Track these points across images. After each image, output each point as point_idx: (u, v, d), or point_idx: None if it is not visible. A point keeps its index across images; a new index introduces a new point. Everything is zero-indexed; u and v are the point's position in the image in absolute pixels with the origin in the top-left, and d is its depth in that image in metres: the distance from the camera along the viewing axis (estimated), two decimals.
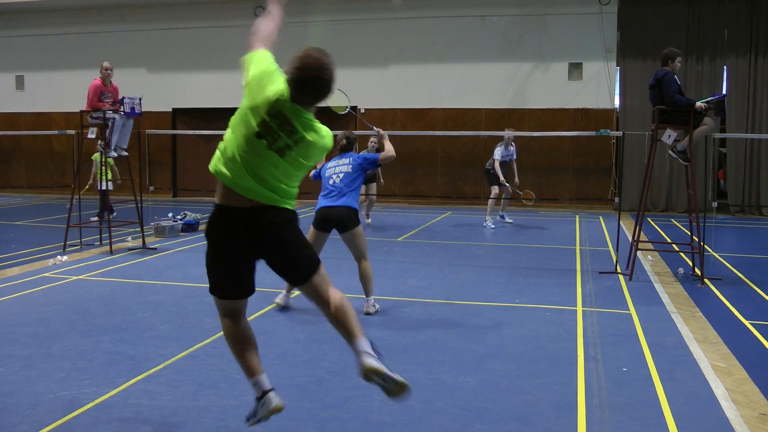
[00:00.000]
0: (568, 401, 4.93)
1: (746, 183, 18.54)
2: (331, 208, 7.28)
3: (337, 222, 7.26)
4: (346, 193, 7.34)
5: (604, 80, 18.91)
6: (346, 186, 7.36)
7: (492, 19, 19.65)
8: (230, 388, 5.10)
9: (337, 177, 7.43)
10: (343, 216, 7.24)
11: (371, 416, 4.62)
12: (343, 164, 7.50)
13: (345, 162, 7.52)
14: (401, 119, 20.35)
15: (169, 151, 22.23)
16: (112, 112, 11.10)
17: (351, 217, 7.30)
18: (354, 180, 7.43)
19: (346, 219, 7.25)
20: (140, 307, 7.56)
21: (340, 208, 7.25)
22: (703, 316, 7.39)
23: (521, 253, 11.62)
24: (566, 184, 19.33)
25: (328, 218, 7.28)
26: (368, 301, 7.46)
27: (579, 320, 7.18)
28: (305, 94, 3.99)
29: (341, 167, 7.49)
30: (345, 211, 7.25)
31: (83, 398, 4.87)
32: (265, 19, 4.53)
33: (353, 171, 7.43)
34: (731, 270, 10.14)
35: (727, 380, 5.38)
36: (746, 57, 18.26)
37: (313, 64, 3.97)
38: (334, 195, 7.34)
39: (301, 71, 3.96)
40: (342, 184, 7.37)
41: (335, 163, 7.58)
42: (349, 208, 7.30)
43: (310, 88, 3.98)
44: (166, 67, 22.32)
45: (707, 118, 9.28)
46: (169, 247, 11.75)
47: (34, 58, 23.35)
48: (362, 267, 7.43)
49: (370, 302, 7.45)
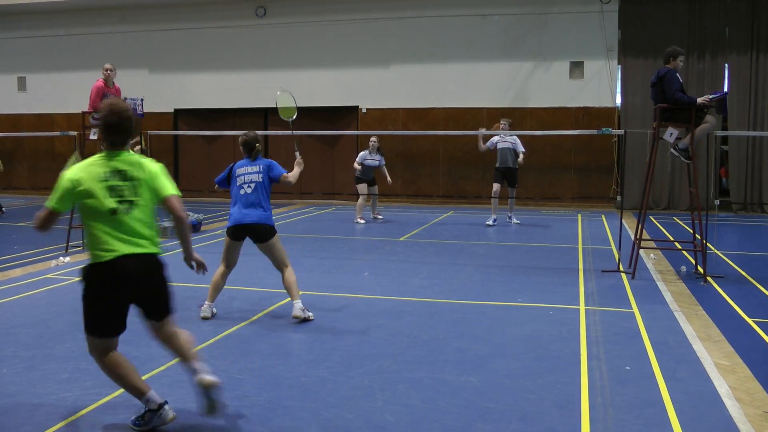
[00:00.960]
0: (572, 400, 4.92)
1: (748, 180, 18.52)
2: (245, 226, 7.11)
3: (253, 234, 7.13)
4: (260, 204, 7.12)
5: (605, 79, 18.90)
6: (258, 197, 7.13)
7: (493, 17, 19.64)
8: (233, 388, 5.10)
9: (249, 187, 7.14)
10: (259, 231, 7.09)
11: (374, 416, 4.62)
12: (252, 172, 7.20)
13: (254, 170, 7.21)
14: (403, 119, 20.34)
15: (171, 152, 22.23)
16: None
17: (267, 230, 7.11)
18: (266, 189, 7.19)
19: (262, 232, 7.09)
20: None
21: (256, 225, 7.07)
22: (706, 314, 7.38)
23: (523, 252, 11.61)
24: (568, 182, 19.32)
25: (242, 231, 7.15)
26: (295, 305, 7.00)
27: (582, 319, 7.17)
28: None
29: (251, 175, 7.19)
30: (262, 227, 7.09)
31: (86, 400, 4.87)
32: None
33: (264, 180, 7.18)
34: (734, 268, 10.13)
35: (730, 378, 5.37)
36: (747, 55, 18.23)
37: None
38: (249, 207, 7.10)
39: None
40: (253, 197, 7.12)
41: (244, 170, 7.25)
42: (266, 225, 7.11)
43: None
44: (167, 68, 22.32)
45: (709, 116, 9.27)
46: (171, 247, 11.72)
47: (36, 59, 23.38)
48: (286, 274, 7.17)
49: (297, 306, 6.99)
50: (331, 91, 20.80)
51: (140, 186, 4.45)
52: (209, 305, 7.26)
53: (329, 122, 20.90)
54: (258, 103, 21.49)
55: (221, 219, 16.28)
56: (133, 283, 4.39)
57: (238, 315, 7.29)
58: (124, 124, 4.47)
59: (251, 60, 21.56)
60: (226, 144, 21.98)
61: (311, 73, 21.03)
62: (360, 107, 20.76)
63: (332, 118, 20.89)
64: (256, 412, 4.67)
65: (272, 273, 9.47)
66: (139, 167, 4.49)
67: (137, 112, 11.26)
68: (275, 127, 21.16)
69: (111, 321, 4.46)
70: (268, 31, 21.33)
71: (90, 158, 4.48)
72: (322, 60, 20.95)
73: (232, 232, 7.18)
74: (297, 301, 7.03)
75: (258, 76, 21.46)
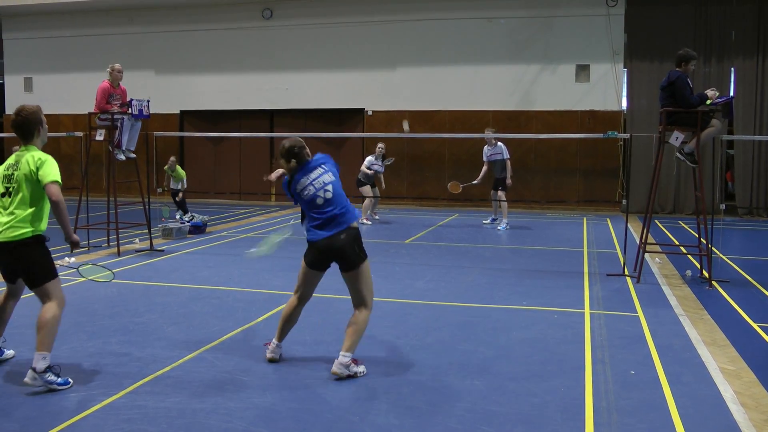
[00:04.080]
0: (576, 404, 4.91)
1: (754, 185, 18.49)
2: (332, 237, 5.55)
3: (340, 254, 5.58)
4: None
5: (611, 82, 18.89)
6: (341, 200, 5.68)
7: (499, 21, 19.65)
8: (237, 390, 5.10)
9: (326, 192, 5.62)
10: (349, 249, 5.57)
11: (378, 418, 4.62)
12: (320, 173, 5.66)
13: (320, 171, 5.67)
14: (408, 121, 20.33)
15: (177, 153, 22.26)
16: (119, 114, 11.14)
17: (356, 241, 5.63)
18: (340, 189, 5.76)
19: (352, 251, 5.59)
20: (147, 309, 7.58)
21: (344, 233, 5.57)
22: (711, 319, 7.37)
23: (528, 255, 11.60)
24: (574, 186, 19.30)
25: (329, 249, 5.59)
26: (345, 358, 5.43)
27: (587, 323, 7.16)
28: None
29: (323, 176, 5.66)
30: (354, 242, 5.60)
31: (91, 400, 4.88)
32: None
33: (336, 178, 5.78)
34: (739, 272, 10.10)
35: (735, 383, 5.36)
36: (753, 58, 18.21)
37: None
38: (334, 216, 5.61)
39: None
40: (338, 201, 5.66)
41: (306, 177, 5.63)
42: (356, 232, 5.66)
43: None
44: (173, 69, 22.38)
45: (715, 120, 9.25)
46: (177, 248, 11.77)
47: (43, 60, 23.47)
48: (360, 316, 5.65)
49: (348, 360, 5.43)
50: (337, 93, 20.83)
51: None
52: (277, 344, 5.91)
53: (335, 124, 20.92)
54: (264, 104, 21.55)
55: (227, 220, 16.31)
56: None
57: (243, 316, 7.30)
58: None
59: (257, 62, 21.60)
60: (232, 145, 22.02)
61: (317, 75, 21.06)
62: (366, 110, 20.77)
63: (338, 120, 20.92)
64: (259, 414, 4.67)
65: (277, 275, 9.51)
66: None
67: (143, 114, 11.27)
68: (281, 129, 21.22)
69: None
70: (275, 33, 21.37)
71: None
72: (329, 62, 20.98)
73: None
74: (348, 354, 5.50)
75: (264, 77, 21.51)
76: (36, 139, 5.42)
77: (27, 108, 5.44)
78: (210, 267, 10.18)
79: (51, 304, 5.28)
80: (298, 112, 21.31)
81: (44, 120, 5.50)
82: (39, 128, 5.44)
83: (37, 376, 5.05)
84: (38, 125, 5.43)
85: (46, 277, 5.32)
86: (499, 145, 14.96)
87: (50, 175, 5.19)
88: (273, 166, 21.95)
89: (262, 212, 18.48)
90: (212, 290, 8.59)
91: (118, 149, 11.27)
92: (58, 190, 5.19)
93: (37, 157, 5.24)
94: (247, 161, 22.17)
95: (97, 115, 11.31)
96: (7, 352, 5.84)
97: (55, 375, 5.11)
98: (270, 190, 21.99)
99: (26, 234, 5.20)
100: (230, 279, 9.30)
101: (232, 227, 14.99)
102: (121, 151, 11.31)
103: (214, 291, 8.54)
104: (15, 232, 5.18)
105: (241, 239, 13.16)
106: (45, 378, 5.05)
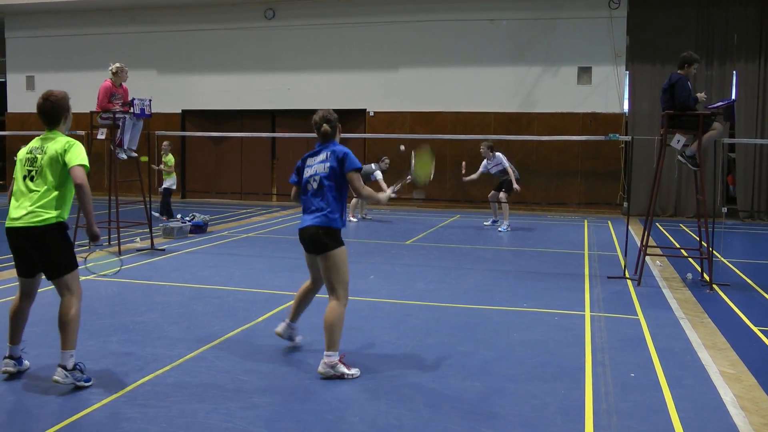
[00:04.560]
0: (576, 406, 4.91)
1: (755, 188, 18.48)
2: (304, 229, 5.65)
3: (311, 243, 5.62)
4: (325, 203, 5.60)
5: (613, 84, 18.89)
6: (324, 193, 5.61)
7: (501, 22, 19.66)
8: (237, 389, 5.10)
9: (314, 181, 5.66)
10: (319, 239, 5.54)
11: (378, 419, 4.62)
12: (322, 160, 5.69)
13: (320, 158, 5.70)
14: (410, 122, 20.36)
15: (179, 153, 22.25)
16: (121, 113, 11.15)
17: (331, 235, 5.56)
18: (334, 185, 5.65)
19: (322, 241, 5.54)
20: (148, 308, 7.58)
21: (310, 228, 5.59)
22: (712, 322, 7.36)
23: (529, 257, 11.60)
24: (575, 188, 19.30)
25: (303, 236, 5.68)
26: (329, 357, 5.43)
27: (587, 325, 7.16)
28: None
29: (317, 166, 5.69)
30: (325, 233, 5.52)
31: (91, 398, 4.88)
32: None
33: (332, 174, 5.63)
34: (740, 276, 10.10)
35: (735, 387, 5.35)
36: (756, 62, 18.21)
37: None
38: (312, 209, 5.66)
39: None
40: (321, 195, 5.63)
41: (314, 158, 5.76)
42: (333, 230, 5.58)
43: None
44: (175, 68, 22.39)
45: (716, 123, 9.26)
46: (178, 248, 11.78)
47: (45, 58, 23.48)
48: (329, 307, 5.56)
49: (333, 359, 5.42)
50: (339, 93, 20.84)
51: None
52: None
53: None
54: (266, 104, 21.56)
55: (228, 220, 16.32)
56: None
57: (244, 316, 7.30)
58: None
59: (259, 62, 21.61)
60: (233, 145, 22.03)
61: (319, 76, 21.08)
62: (367, 110, 20.78)
63: (340, 120, 20.81)
64: (260, 414, 4.67)
65: (278, 275, 9.51)
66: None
67: (145, 113, 11.28)
68: (283, 129, 21.24)
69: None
70: (277, 33, 21.38)
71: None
72: (331, 62, 20.99)
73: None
74: (332, 353, 5.46)
75: (266, 77, 21.53)
76: (62, 125, 5.37)
77: (56, 93, 5.42)
78: (211, 266, 10.19)
79: (72, 299, 5.13)
80: (300, 113, 21.29)
81: (70, 108, 5.48)
82: (66, 114, 5.40)
83: (68, 374, 4.98)
84: (65, 112, 5.39)
85: (67, 267, 5.14)
86: (498, 156, 15.00)
87: (78, 158, 5.10)
88: (274, 165, 21.97)
89: (263, 212, 18.49)
90: (213, 290, 8.59)
91: (120, 148, 11.29)
92: (84, 174, 5.06)
93: (65, 140, 5.18)
94: (248, 161, 22.18)
95: (99, 114, 11.31)
96: (25, 362, 5.48)
97: (80, 372, 5.08)
98: (271, 190, 22.00)
99: (50, 220, 5.05)
100: (231, 279, 9.30)
101: (233, 227, 15.00)
102: (122, 150, 11.33)
103: (215, 290, 8.55)
104: (37, 217, 5.02)
105: (242, 239, 13.16)
106: (75, 376, 5.02)
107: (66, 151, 5.10)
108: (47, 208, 5.06)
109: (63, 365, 4.99)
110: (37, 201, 5.06)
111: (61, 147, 5.12)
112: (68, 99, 5.47)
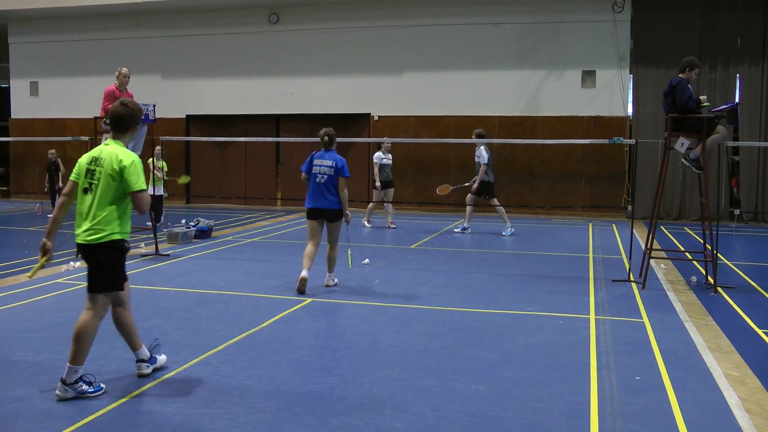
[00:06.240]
0: (581, 409, 4.91)
1: (759, 191, 18.45)
2: (320, 210, 8.81)
3: (328, 216, 8.84)
4: (332, 193, 8.75)
5: (617, 88, 18.89)
6: (331, 188, 8.75)
7: (505, 26, 19.67)
8: (242, 395, 5.11)
9: (322, 177, 8.74)
10: (333, 214, 8.83)
11: (383, 423, 4.62)
12: (326, 165, 8.77)
13: (328, 164, 8.76)
14: (414, 126, 20.38)
15: (183, 158, 22.32)
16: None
17: (339, 213, 8.84)
18: (334, 182, 8.75)
19: (335, 215, 8.83)
20: (153, 314, 7.60)
21: (330, 211, 8.78)
22: (716, 325, 7.36)
23: (534, 260, 11.60)
24: (579, 191, 19.29)
25: (320, 214, 8.83)
26: (328, 276, 9.17)
27: (592, 328, 7.16)
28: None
29: (325, 168, 8.77)
30: (336, 212, 8.81)
31: (96, 404, 4.89)
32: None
33: (335, 174, 8.74)
34: (744, 278, 10.09)
35: (740, 389, 5.35)
36: (759, 65, 18.19)
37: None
38: (322, 196, 8.75)
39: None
40: (329, 186, 8.76)
41: (319, 161, 8.81)
42: (338, 210, 8.82)
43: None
44: (180, 73, 22.43)
45: (720, 126, 9.26)
46: (182, 253, 11.80)
47: (49, 64, 23.55)
48: (332, 251, 9.03)
49: (328, 276, 9.17)
50: (344, 98, 20.87)
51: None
52: (306, 272, 8.67)
53: (341, 129, 20.83)
54: (270, 109, 21.59)
55: (232, 225, 16.33)
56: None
57: (249, 321, 7.31)
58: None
59: (263, 66, 21.65)
60: (238, 150, 22.06)
61: (323, 80, 21.11)
62: (372, 114, 20.80)
63: (344, 125, 20.93)
64: (265, 419, 4.68)
65: (282, 279, 9.52)
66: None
67: (149, 118, 11.31)
68: (287, 134, 21.27)
69: None
70: (281, 37, 21.42)
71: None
72: (335, 67, 21.02)
73: (310, 215, 8.91)
74: (330, 274, 9.13)
75: (270, 82, 21.56)
76: (127, 135, 5.34)
77: (133, 102, 5.40)
78: (215, 271, 10.20)
79: (93, 317, 5.14)
80: (305, 117, 21.35)
81: (140, 123, 5.49)
82: (135, 127, 5.38)
83: (68, 388, 4.96)
84: (136, 124, 5.37)
85: (105, 286, 5.18)
86: (479, 150, 14.77)
87: (138, 183, 5.11)
88: (279, 170, 21.99)
89: (267, 217, 18.50)
90: (218, 295, 8.61)
91: None
92: (143, 203, 5.13)
93: (120, 158, 5.11)
94: (253, 166, 22.21)
95: (103, 119, 11.34)
96: (160, 358, 5.66)
97: (86, 384, 5.05)
98: (276, 195, 22.02)
99: (104, 237, 5.06)
100: (235, 284, 9.31)
101: (237, 232, 15.02)
102: None
103: (220, 295, 8.56)
104: (95, 235, 5.04)
105: (247, 244, 13.18)
106: (76, 389, 5.00)
107: (122, 171, 5.08)
108: (104, 224, 5.07)
109: (63, 378, 4.99)
110: (96, 217, 5.07)
111: (117, 164, 5.09)
112: (142, 114, 5.47)
